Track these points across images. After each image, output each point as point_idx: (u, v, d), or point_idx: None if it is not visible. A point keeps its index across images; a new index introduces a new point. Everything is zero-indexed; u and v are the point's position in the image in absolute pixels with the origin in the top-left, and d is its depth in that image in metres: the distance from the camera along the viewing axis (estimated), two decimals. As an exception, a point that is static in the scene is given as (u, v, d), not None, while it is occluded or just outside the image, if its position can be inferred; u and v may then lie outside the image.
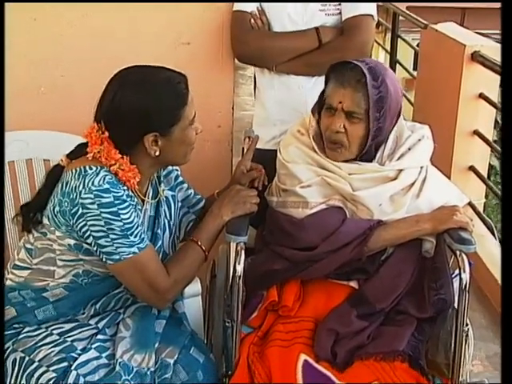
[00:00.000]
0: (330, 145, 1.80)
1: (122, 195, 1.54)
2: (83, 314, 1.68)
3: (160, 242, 1.72)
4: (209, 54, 2.41)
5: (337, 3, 2.25)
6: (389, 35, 4.73)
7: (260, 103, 2.45)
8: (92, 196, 1.51)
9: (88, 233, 1.53)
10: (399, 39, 4.56)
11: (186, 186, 1.87)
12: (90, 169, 1.54)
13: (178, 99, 1.59)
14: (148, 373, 1.58)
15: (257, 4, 2.31)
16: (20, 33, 2.25)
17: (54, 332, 1.62)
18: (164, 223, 1.74)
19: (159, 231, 1.72)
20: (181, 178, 1.86)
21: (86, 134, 1.59)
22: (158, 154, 1.60)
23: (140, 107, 1.55)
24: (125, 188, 1.57)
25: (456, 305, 1.68)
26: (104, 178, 1.53)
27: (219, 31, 2.38)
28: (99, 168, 1.55)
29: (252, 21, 2.29)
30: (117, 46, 2.31)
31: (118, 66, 1.63)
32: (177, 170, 1.85)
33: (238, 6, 2.32)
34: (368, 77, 1.71)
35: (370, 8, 2.25)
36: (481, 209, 3.25)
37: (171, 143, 1.61)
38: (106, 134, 1.57)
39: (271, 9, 2.30)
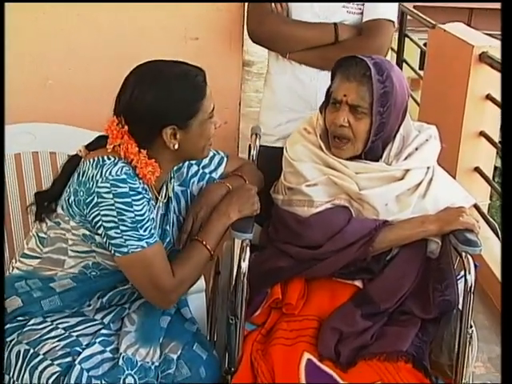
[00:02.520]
0: (334, 142, 1.80)
1: (138, 187, 1.55)
2: (89, 305, 1.67)
3: (169, 238, 1.72)
4: (217, 50, 2.41)
5: (360, 3, 2.24)
6: (396, 34, 4.70)
7: (270, 88, 2.43)
8: (108, 185, 1.51)
9: (100, 223, 1.53)
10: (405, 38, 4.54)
11: (196, 179, 1.83)
12: (109, 159, 1.55)
13: (195, 92, 1.58)
14: (152, 367, 1.58)
15: None
16: (28, 25, 2.26)
17: (60, 326, 1.62)
18: (173, 219, 1.74)
19: (168, 227, 1.72)
20: (193, 170, 1.83)
21: (105, 128, 1.59)
22: (176, 147, 1.59)
23: (156, 102, 1.54)
24: (141, 181, 1.57)
25: (460, 306, 1.68)
26: (122, 169, 1.53)
27: (228, 27, 2.38)
28: (117, 159, 1.55)
29: (272, 4, 2.28)
30: (124, 41, 2.31)
31: (125, 61, 1.63)
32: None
33: None
34: (373, 71, 1.71)
35: (392, 14, 2.25)
36: (485, 210, 3.24)
37: (190, 136, 1.60)
38: (126, 127, 1.57)
39: None
